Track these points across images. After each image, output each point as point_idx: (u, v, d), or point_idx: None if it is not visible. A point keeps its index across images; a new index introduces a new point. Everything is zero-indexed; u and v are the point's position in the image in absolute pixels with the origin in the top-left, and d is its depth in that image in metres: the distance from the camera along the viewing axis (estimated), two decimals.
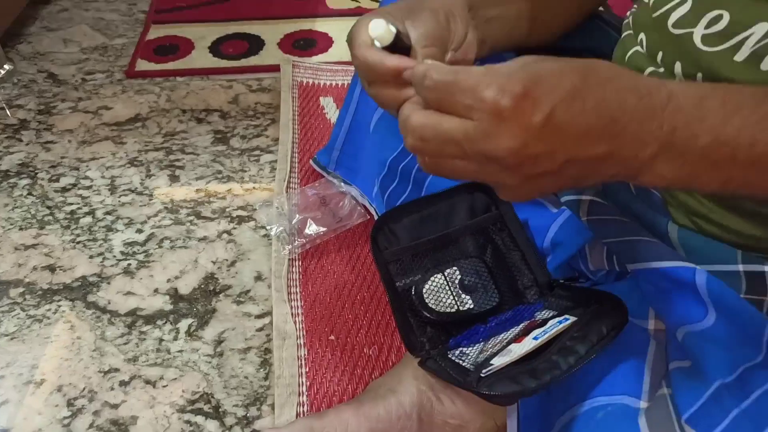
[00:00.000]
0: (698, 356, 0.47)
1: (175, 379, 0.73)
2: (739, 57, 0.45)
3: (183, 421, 0.68)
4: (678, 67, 0.50)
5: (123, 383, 0.72)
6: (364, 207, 0.88)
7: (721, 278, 0.49)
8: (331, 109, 1.10)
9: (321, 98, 1.12)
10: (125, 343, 0.76)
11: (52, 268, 0.85)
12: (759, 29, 0.44)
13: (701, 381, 0.46)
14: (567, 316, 0.59)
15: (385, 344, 0.75)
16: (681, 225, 0.53)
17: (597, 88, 0.37)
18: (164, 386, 0.72)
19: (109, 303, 0.81)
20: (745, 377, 0.45)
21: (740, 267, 0.49)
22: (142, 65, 1.20)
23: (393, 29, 0.46)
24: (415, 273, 0.66)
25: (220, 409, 0.70)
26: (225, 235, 0.89)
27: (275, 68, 1.19)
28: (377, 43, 0.47)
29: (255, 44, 1.26)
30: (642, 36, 0.55)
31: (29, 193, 0.96)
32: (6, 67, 1.18)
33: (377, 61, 0.47)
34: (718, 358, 0.46)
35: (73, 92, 1.15)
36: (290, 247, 0.85)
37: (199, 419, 0.69)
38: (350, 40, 0.50)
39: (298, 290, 0.81)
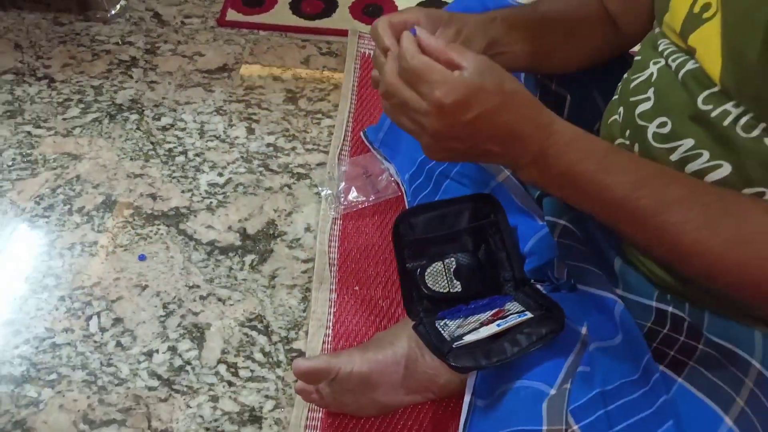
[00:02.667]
0: (595, 366, 0.68)
1: (239, 300, 0.99)
2: (674, 157, 0.61)
3: (242, 333, 0.95)
4: (636, 148, 0.66)
5: (202, 297, 0.99)
6: (398, 184, 1.08)
7: (639, 308, 0.69)
8: None
9: None
10: (205, 267, 1.02)
11: (153, 197, 1.10)
12: (687, 143, 0.60)
13: (589, 385, 0.67)
14: (526, 312, 0.81)
15: (395, 300, 0.98)
16: (627, 258, 0.72)
17: (512, 110, 0.54)
18: (231, 305, 0.98)
19: (195, 233, 1.06)
20: (622, 388, 0.66)
21: (653, 303, 0.69)
22: (232, 15, 1.38)
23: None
24: (422, 259, 0.87)
25: (269, 329, 0.96)
26: (286, 188, 1.12)
27: (344, 33, 1.34)
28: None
29: (329, 5, 1.41)
30: (621, 109, 0.69)
31: (137, 128, 1.20)
32: (122, 2, 1.38)
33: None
34: (606, 371, 0.67)
35: (174, 35, 1.35)
36: (334, 206, 1.07)
37: (254, 334, 0.95)
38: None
39: (336, 245, 1.04)
